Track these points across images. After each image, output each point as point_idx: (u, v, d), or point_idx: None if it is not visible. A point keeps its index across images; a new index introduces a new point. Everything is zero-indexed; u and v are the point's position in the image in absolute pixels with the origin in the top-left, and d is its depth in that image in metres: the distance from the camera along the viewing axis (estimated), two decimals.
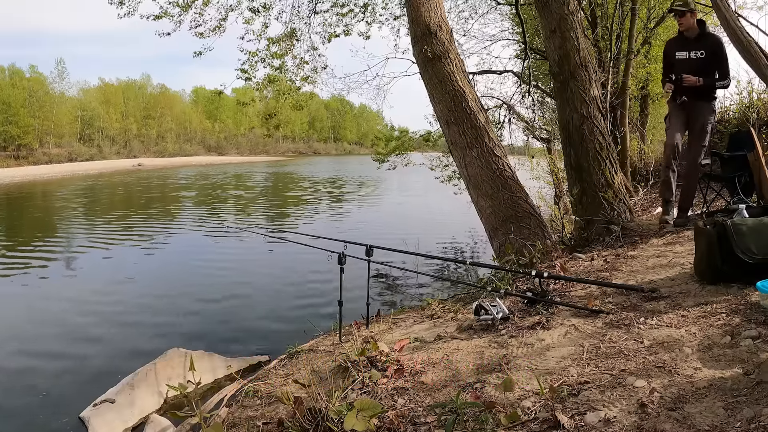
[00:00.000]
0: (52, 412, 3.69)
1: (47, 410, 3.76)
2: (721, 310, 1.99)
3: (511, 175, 4.29)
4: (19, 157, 49.40)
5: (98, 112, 60.81)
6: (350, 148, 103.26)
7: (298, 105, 10.68)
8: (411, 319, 3.16)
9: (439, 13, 4.56)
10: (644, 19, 9.48)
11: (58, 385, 4.20)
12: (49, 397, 3.97)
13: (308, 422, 1.70)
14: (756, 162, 4.10)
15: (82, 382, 4.19)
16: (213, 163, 59.18)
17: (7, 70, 53.42)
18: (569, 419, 1.44)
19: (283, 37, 9.52)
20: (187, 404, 2.39)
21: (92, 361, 4.64)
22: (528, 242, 3.97)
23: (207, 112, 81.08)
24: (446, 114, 4.43)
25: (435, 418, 1.65)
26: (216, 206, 18.14)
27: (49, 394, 4.04)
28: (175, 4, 8.44)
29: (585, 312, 2.27)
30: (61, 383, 4.23)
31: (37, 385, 4.18)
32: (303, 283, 7.27)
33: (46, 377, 4.34)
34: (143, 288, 7.23)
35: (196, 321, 5.79)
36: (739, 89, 7.41)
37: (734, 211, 2.39)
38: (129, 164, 51.08)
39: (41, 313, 6.13)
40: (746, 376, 1.49)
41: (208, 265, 8.56)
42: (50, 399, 3.95)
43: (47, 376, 4.37)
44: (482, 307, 2.52)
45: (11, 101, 50.09)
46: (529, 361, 1.92)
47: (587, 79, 4.54)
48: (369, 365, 2.18)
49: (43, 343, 5.15)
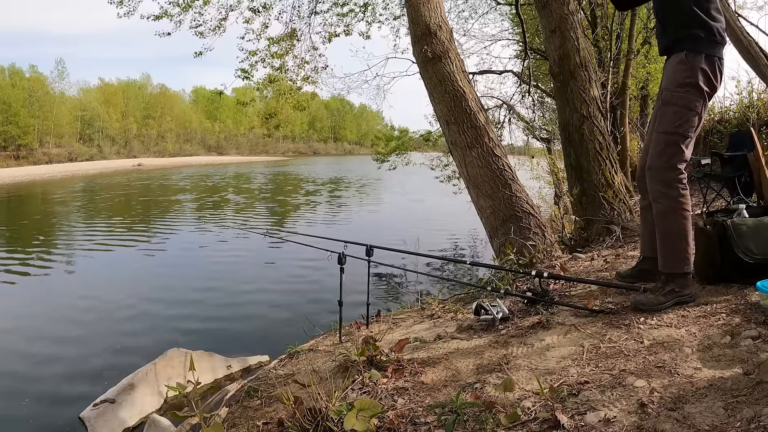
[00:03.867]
0: (52, 412, 3.70)
1: (47, 410, 3.76)
2: (721, 310, 1.99)
3: (512, 175, 4.29)
4: (19, 157, 49.41)
5: (98, 112, 60.81)
6: (350, 148, 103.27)
7: (299, 105, 10.69)
8: (411, 319, 3.16)
9: (439, 13, 4.56)
10: (644, 19, 9.48)
11: (58, 385, 4.20)
12: (49, 397, 3.97)
13: (308, 422, 1.70)
14: (756, 162, 4.10)
15: (82, 382, 4.19)
16: (213, 163, 59.18)
17: (7, 70, 53.44)
18: (569, 419, 1.44)
19: (284, 37, 9.52)
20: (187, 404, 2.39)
21: (92, 361, 4.64)
22: (528, 242, 3.97)
23: (207, 112, 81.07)
24: (446, 114, 4.42)
25: (435, 418, 1.65)
26: (216, 206, 18.14)
27: (49, 394, 4.04)
28: (175, 4, 8.45)
29: (585, 312, 2.27)
30: (61, 383, 4.23)
31: (37, 385, 4.18)
32: (303, 283, 7.27)
33: (46, 377, 4.34)
34: (143, 288, 7.23)
35: (196, 321, 5.79)
36: (739, 89, 7.42)
37: (734, 211, 2.38)
38: (129, 164, 51.08)
39: (41, 313, 6.13)
40: (746, 376, 1.49)
41: (208, 265, 8.57)
42: (50, 399, 3.95)
43: (47, 376, 4.37)
44: (482, 307, 2.52)
45: (11, 101, 50.10)
46: (529, 361, 1.92)
47: (587, 79, 4.54)
48: (369, 365, 2.18)
49: (43, 343, 5.15)
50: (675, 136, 2.13)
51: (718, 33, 2.12)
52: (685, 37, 2.13)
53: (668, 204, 2.13)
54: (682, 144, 2.13)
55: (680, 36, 2.15)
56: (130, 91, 68.72)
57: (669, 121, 2.15)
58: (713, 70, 2.12)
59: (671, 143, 2.14)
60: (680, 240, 2.14)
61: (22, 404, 3.87)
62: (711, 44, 2.12)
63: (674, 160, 2.13)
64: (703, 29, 2.10)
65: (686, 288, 2.14)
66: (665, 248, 2.20)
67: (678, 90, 2.15)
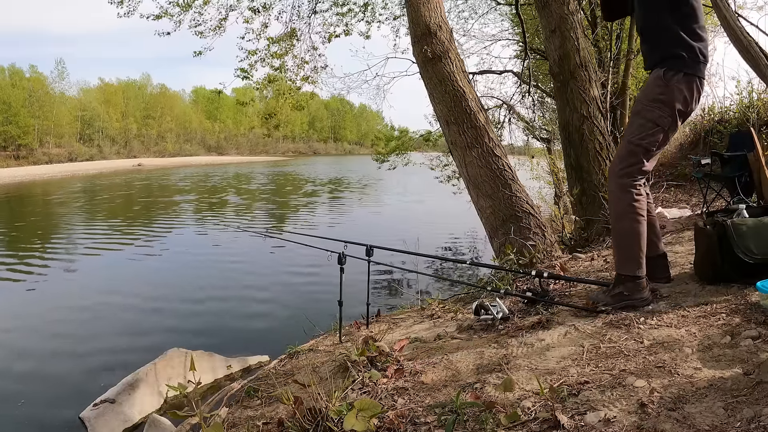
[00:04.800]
0: (52, 412, 3.70)
1: (47, 410, 3.76)
2: (721, 310, 1.99)
3: (512, 175, 4.29)
4: (19, 157, 49.44)
5: (98, 112, 60.85)
6: (350, 148, 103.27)
7: (298, 105, 10.69)
8: (411, 319, 3.16)
9: (439, 13, 4.56)
10: None
11: (58, 385, 4.20)
12: (49, 397, 3.97)
13: (308, 422, 1.70)
14: (756, 162, 4.10)
15: (82, 382, 4.20)
16: (213, 163, 59.21)
17: (7, 70, 53.49)
18: (569, 419, 1.44)
19: (284, 36, 9.52)
20: (187, 404, 2.39)
21: (92, 361, 4.64)
22: (528, 242, 3.97)
23: (207, 112, 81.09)
24: (446, 114, 4.42)
25: (435, 418, 1.65)
26: (216, 206, 18.14)
27: (49, 394, 4.04)
28: (175, 4, 8.45)
29: (585, 312, 2.27)
30: (61, 383, 4.23)
31: (38, 385, 4.19)
32: (303, 283, 7.27)
33: (46, 377, 4.34)
34: (143, 288, 7.23)
35: (196, 321, 5.79)
36: (739, 89, 7.42)
37: (734, 211, 2.38)
38: (129, 164, 51.12)
39: (41, 312, 6.14)
40: (746, 376, 1.49)
41: (208, 265, 8.57)
42: (50, 399, 3.95)
43: (47, 376, 4.37)
44: (482, 307, 2.52)
45: (11, 101, 50.13)
46: (529, 361, 1.91)
47: (587, 79, 4.54)
48: (369, 365, 2.18)
49: (43, 343, 5.15)
50: (637, 148, 2.18)
51: (700, 53, 2.14)
52: (667, 56, 2.15)
53: (622, 207, 2.19)
54: (642, 156, 2.17)
55: (662, 54, 2.17)
56: (130, 91, 68.75)
57: (634, 132, 2.20)
58: (690, 89, 2.15)
59: (632, 153, 2.19)
60: (632, 242, 2.18)
61: (22, 404, 3.87)
62: (692, 64, 2.13)
63: (632, 169, 2.18)
64: (684, 49, 2.12)
65: (636, 293, 2.17)
66: (618, 249, 2.27)
67: (649, 104, 2.18)
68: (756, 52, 3.50)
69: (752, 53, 3.50)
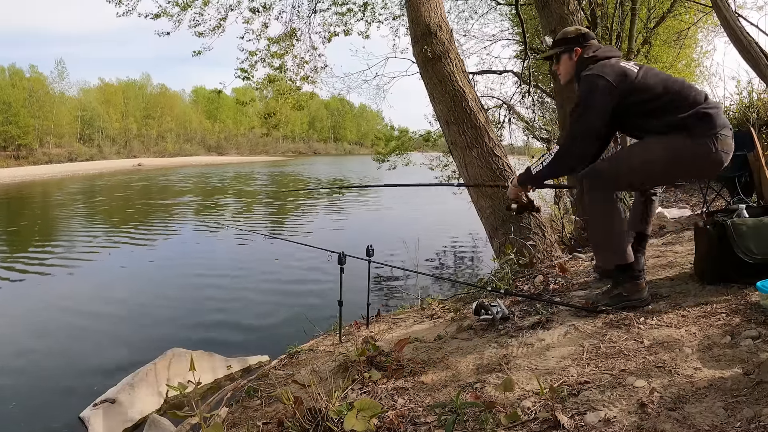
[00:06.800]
0: (52, 412, 3.69)
1: (47, 410, 3.76)
2: (721, 310, 1.99)
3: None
4: (19, 157, 49.45)
5: (98, 112, 60.85)
6: (350, 148, 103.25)
7: (298, 105, 10.68)
8: (411, 319, 3.16)
9: (439, 13, 4.56)
10: (644, 19, 9.48)
11: (58, 385, 4.20)
12: (49, 397, 3.97)
13: (308, 422, 1.70)
14: (756, 162, 4.10)
15: (82, 382, 4.19)
16: (213, 163, 59.20)
17: (7, 70, 53.46)
18: (569, 419, 1.44)
19: (283, 36, 9.51)
20: (187, 404, 2.39)
21: (92, 362, 4.64)
22: (528, 242, 3.97)
23: (207, 112, 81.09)
24: (446, 114, 4.42)
25: (435, 418, 1.65)
26: (216, 206, 18.14)
27: (49, 394, 4.04)
28: (174, 4, 8.44)
29: (585, 312, 2.27)
30: (61, 383, 4.23)
31: (37, 385, 4.18)
32: (303, 283, 7.27)
33: (46, 377, 4.34)
34: (143, 288, 7.23)
35: (196, 321, 5.79)
36: (739, 89, 7.42)
37: (734, 211, 2.38)
38: (129, 164, 51.10)
39: (41, 313, 6.13)
40: (746, 376, 1.49)
41: (209, 266, 8.56)
42: (50, 399, 3.95)
43: (47, 376, 4.37)
44: (482, 306, 2.52)
45: (11, 101, 50.13)
46: (529, 361, 1.91)
47: None
48: (369, 365, 2.18)
49: (43, 343, 5.15)
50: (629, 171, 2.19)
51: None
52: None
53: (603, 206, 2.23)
54: (626, 178, 2.21)
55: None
56: (130, 91, 68.74)
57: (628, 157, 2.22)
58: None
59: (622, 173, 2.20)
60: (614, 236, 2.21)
61: (22, 404, 3.87)
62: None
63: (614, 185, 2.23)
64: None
65: (635, 293, 2.19)
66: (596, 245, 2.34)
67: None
68: (756, 52, 3.50)
69: (752, 53, 3.50)
